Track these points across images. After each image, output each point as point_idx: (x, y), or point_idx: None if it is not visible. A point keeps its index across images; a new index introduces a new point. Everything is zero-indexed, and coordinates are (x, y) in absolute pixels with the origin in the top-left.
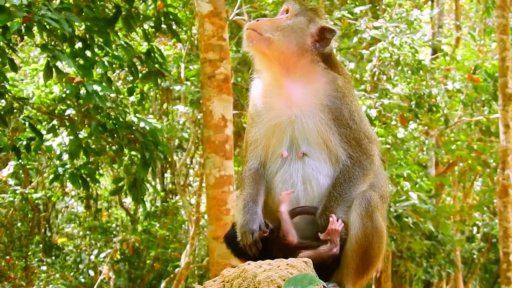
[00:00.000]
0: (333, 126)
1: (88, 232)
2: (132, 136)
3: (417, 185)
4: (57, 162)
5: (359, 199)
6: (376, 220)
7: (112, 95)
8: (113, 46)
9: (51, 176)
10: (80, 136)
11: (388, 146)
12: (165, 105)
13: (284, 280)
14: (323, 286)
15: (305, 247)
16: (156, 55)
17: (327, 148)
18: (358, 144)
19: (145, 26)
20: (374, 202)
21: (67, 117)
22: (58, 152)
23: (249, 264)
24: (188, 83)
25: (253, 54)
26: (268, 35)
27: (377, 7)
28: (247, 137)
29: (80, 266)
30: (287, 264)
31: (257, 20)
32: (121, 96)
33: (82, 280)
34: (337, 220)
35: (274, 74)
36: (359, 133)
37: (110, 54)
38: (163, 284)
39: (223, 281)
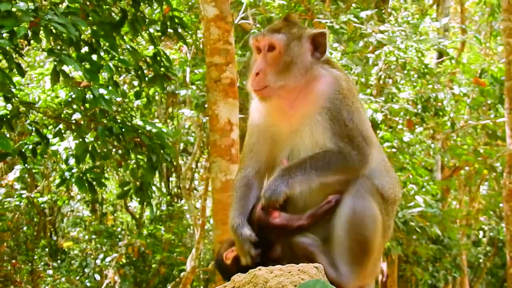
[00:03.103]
0: (328, 126)
1: (93, 236)
2: (138, 139)
3: (423, 189)
4: (64, 167)
5: (354, 182)
6: (369, 204)
7: (119, 99)
8: (119, 50)
9: (57, 180)
10: (87, 140)
11: (394, 150)
12: (170, 109)
13: (295, 286)
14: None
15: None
16: (162, 59)
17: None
18: (351, 140)
19: (151, 30)
20: (367, 187)
21: (73, 121)
22: (64, 157)
23: (260, 269)
24: (194, 87)
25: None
26: (279, 84)
27: (383, 11)
28: (246, 144)
29: (86, 270)
30: (298, 270)
31: (256, 75)
32: (127, 100)
33: (88, 284)
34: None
35: (289, 92)
36: (354, 132)
37: (116, 58)
38: None
39: (233, 287)
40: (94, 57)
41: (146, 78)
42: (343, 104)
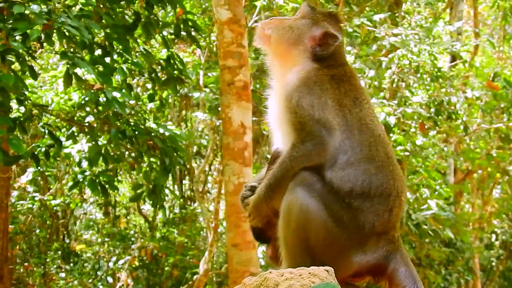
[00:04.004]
0: (284, 116)
1: (106, 239)
2: (152, 142)
3: (436, 192)
4: (76, 169)
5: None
6: (297, 195)
7: (132, 102)
8: (133, 53)
9: (70, 183)
10: (99, 143)
11: (407, 153)
12: (183, 112)
13: None
14: None
15: None
16: (176, 61)
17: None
18: (302, 127)
19: (165, 33)
20: (301, 179)
21: (86, 124)
22: (77, 159)
23: (270, 272)
24: (207, 90)
25: (261, 49)
26: (268, 32)
27: (396, 15)
28: None
29: (99, 273)
30: (309, 273)
31: (271, 19)
32: (140, 103)
33: (101, 287)
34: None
35: (274, 71)
36: (305, 117)
37: (129, 61)
38: None
39: None
40: (107, 60)
41: (160, 81)
42: (295, 91)
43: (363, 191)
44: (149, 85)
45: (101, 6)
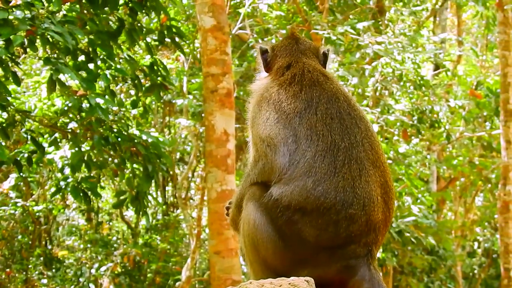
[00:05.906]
0: (249, 134)
1: (89, 245)
2: (135, 149)
3: (419, 200)
4: (59, 175)
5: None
6: (247, 210)
7: (115, 108)
8: (116, 59)
9: (53, 189)
10: (83, 149)
11: (390, 161)
12: (167, 119)
13: None
14: None
15: None
16: (159, 68)
17: None
18: (255, 146)
19: (148, 40)
20: (250, 196)
21: (69, 130)
22: (60, 165)
23: (251, 283)
24: (191, 96)
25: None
26: None
27: (380, 23)
28: None
29: (81, 279)
30: (289, 284)
31: None
32: (124, 109)
33: None
34: None
35: None
36: (255, 138)
37: (113, 67)
38: None
39: None
40: (91, 66)
41: (143, 88)
42: (250, 112)
43: (300, 206)
44: (132, 92)
45: (85, 12)
